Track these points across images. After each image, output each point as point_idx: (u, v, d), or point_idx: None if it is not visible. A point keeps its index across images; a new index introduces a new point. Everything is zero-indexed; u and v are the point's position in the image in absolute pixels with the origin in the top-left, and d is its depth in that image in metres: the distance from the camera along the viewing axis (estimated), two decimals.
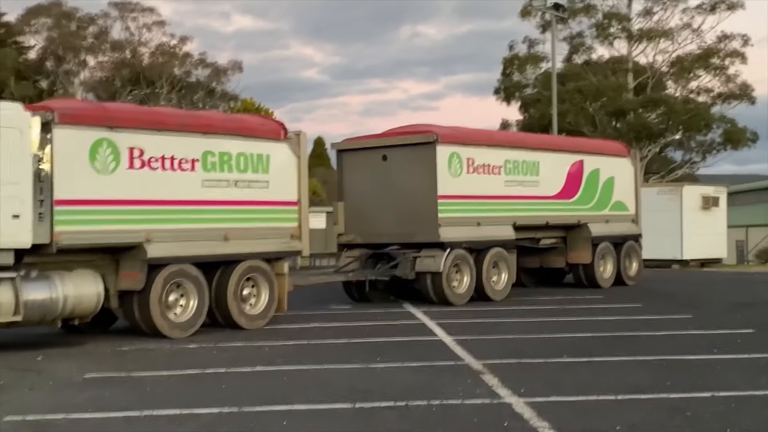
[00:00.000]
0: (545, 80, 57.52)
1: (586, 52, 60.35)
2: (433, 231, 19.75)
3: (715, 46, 57.55)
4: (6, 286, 13.39)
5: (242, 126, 16.54)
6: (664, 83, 60.06)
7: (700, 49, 57.54)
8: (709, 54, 57.08)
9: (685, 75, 58.25)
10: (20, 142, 13.47)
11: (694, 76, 58.39)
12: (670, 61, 58.45)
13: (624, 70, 58.77)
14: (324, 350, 13.46)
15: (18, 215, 13.40)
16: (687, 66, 57.63)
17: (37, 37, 58.61)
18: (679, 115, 54.61)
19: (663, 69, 59.09)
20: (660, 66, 58.89)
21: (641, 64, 59.13)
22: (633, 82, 58.46)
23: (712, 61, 57.33)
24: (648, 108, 56.09)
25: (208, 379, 11.12)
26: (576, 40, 59.55)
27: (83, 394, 10.17)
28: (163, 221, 15.17)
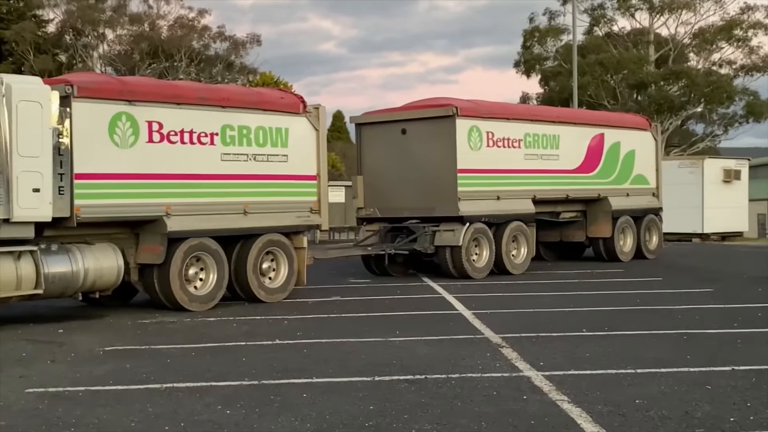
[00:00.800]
0: (566, 53, 57.23)
1: (607, 24, 59.99)
2: (452, 205, 19.70)
3: (738, 18, 57.07)
4: (27, 259, 13.46)
5: (261, 100, 16.51)
6: (685, 55, 59.62)
7: (722, 21, 57.07)
8: (731, 25, 56.61)
9: (707, 47, 57.79)
10: (40, 116, 13.48)
11: (716, 48, 57.95)
12: (692, 33, 57.98)
13: (645, 42, 58.37)
14: (343, 324, 13.49)
15: (38, 189, 13.44)
16: (709, 38, 57.18)
17: (56, 10, 58.57)
18: (701, 88, 54.20)
19: (685, 41, 58.63)
20: (682, 38, 58.42)
21: (663, 36, 58.70)
22: (654, 55, 58.08)
23: (735, 33, 56.89)
24: (669, 80, 55.68)
25: (227, 351, 11.16)
26: (597, 11, 59.17)
27: (104, 367, 10.22)
28: (182, 195, 15.20)
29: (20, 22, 54.41)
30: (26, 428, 7.57)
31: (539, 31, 60.31)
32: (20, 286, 13.37)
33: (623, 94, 56.11)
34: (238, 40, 61.35)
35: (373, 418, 7.58)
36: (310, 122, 17.03)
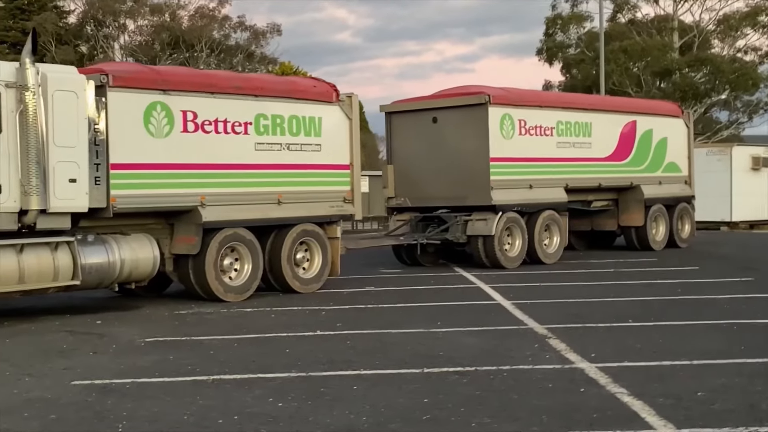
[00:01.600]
0: (589, 40, 56.87)
1: (631, 11, 59.51)
2: (485, 194, 19.51)
3: (763, 3, 56.54)
4: (64, 249, 13.37)
5: (294, 88, 16.36)
6: (709, 42, 59.13)
7: (747, 7, 56.57)
8: (757, 11, 56.10)
9: (732, 33, 57.31)
10: (75, 106, 13.37)
11: (741, 35, 57.47)
12: (716, 20, 57.50)
13: (669, 29, 57.86)
14: (382, 314, 13.35)
15: (75, 179, 13.34)
16: (734, 24, 56.66)
17: (77, 1, 58.56)
18: (726, 75, 53.68)
19: (709, 28, 58.15)
20: (706, 25, 57.94)
21: (686, 23, 58.22)
22: (678, 42, 57.59)
23: (760, 19, 56.40)
24: (694, 67, 55.17)
25: (270, 343, 11.04)
26: None
27: (147, 358, 10.11)
28: (216, 185, 15.08)
29: (41, 13, 54.42)
30: (77, 421, 7.47)
31: (562, 19, 59.81)
32: (57, 277, 13.28)
33: (647, 81, 55.61)
34: (258, 30, 61.21)
35: (430, 411, 7.43)
36: (343, 111, 16.87)
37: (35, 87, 12.82)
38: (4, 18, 54.21)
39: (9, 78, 12.80)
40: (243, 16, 62.35)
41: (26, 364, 9.98)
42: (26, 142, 12.78)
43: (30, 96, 12.77)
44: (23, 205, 12.90)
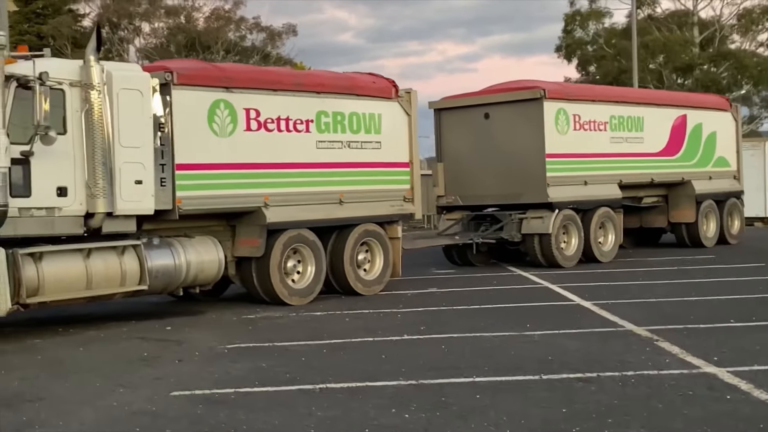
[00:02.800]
0: (609, 36, 56.40)
1: (650, 6, 58.94)
2: (541, 191, 19.01)
3: None
4: (131, 253, 12.91)
5: (354, 84, 15.87)
6: (730, 37, 58.60)
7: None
8: None
9: (753, 28, 56.77)
10: (141, 105, 12.91)
11: (762, 29, 56.96)
12: (737, 14, 56.98)
13: (690, 24, 57.33)
14: (461, 317, 12.85)
15: (141, 181, 12.88)
16: (755, 18, 56.15)
17: (91, 4, 58.12)
18: (749, 69, 53.17)
19: (730, 22, 57.64)
20: (726, 20, 57.42)
21: (703, 19, 57.74)
22: (699, 37, 57.04)
23: None
24: (717, 62, 54.67)
25: (359, 348, 10.57)
26: None
27: (238, 366, 9.64)
28: (280, 185, 14.62)
29: (57, 17, 54.01)
30: None
31: (581, 15, 59.24)
32: (125, 282, 12.83)
33: (668, 77, 55.06)
34: (274, 31, 60.75)
35: (576, 422, 6.96)
36: (402, 107, 16.40)
37: (100, 86, 12.36)
38: (20, 22, 53.73)
39: (73, 76, 12.35)
40: (258, 17, 61.89)
41: (113, 373, 9.52)
42: (92, 143, 12.32)
43: (95, 95, 12.31)
44: (89, 208, 12.44)
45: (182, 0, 59.73)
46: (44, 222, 12.18)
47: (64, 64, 12.59)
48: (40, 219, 12.13)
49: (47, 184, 12.09)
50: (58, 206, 12.24)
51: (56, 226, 12.30)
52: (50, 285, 12.00)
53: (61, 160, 12.18)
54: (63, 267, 12.18)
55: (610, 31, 57.36)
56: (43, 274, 11.92)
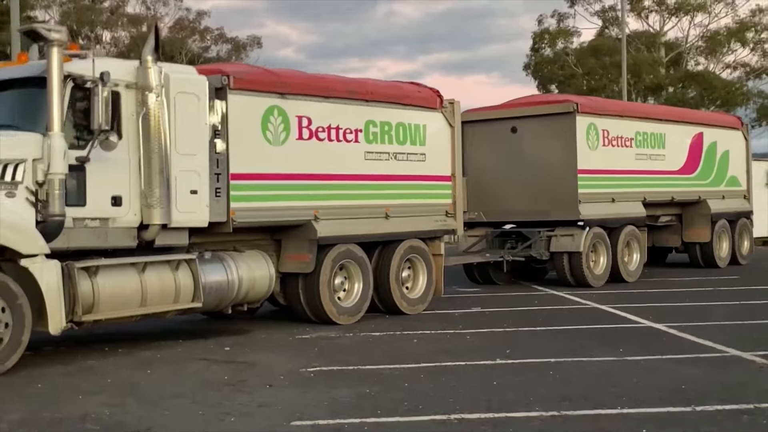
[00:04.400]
0: (579, 55, 56.44)
1: (619, 26, 59.11)
2: (572, 208, 18.46)
3: (749, 20, 56.59)
4: (185, 268, 12.07)
5: (401, 93, 15.18)
6: (695, 58, 59.07)
7: (736, 24, 56.57)
8: (744, 28, 56.15)
9: (720, 49, 57.31)
10: (197, 110, 12.11)
11: (729, 51, 57.51)
12: (703, 36, 57.48)
13: (657, 44, 57.66)
14: (538, 339, 12.16)
15: (195, 191, 12.07)
16: (722, 40, 56.69)
17: (50, 12, 56.73)
18: (717, 91, 53.56)
19: (699, 44, 58.13)
20: (693, 41, 57.91)
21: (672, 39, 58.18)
22: (665, 57, 57.38)
23: (748, 35, 56.46)
24: (686, 83, 55.02)
25: (457, 373, 9.86)
26: (608, 13, 58.37)
27: (341, 392, 8.88)
28: (330, 197, 13.87)
29: None
30: None
31: (549, 33, 59.26)
32: (178, 299, 11.98)
33: (640, 95, 55.22)
34: (239, 42, 59.97)
35: None
36: (446, 118, 15.75)
37: (158, 88, 11.53)
38: None
39: (128, 78, 11.51)
40: (221, 28, 60.97)
41: (206, 399, 8.72)
42: (149, 149, 11.48)
43: (153, 98, 11.48)
44: (145, 219, 11.58)
45: (145, 9, 58.68)
46: (98, 233, 11.32)
47: (120, 64, 11.73)
48: (93, 230, 11.26)
49: (102, 192, 11.24)
50: (112, 217, 11.38)
51: (110, 238, 11.44)
52: (105, 301, 11.14)
53: (115, 167, 11.32)
54: (118, 282, 11.32)
55: (580, 51, 57.39)
56: (99, 290, 11.05)
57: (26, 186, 10.58)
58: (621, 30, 41.94)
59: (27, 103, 11.19)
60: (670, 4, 56.33)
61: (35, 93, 11.07)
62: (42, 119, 10.82)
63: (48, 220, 10.57)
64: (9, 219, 10.28)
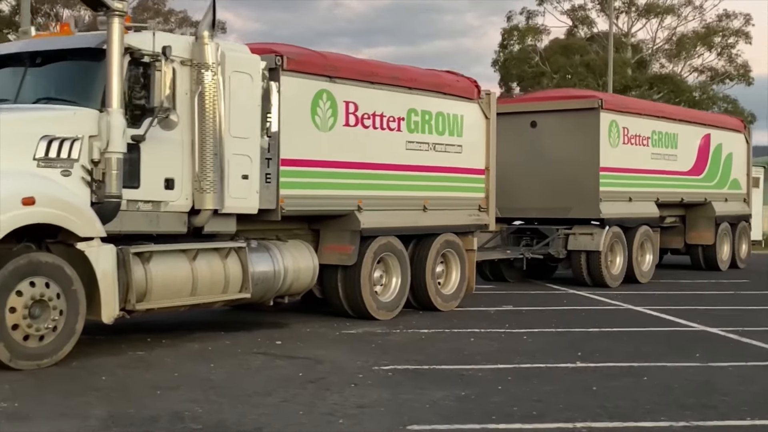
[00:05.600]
0: (548, 53, 56.40)
1: (588, 26, 59.24)
2: (593, 206, 18.12)
3: (716, 25, 57.07)
4: (233, 257, 11.48)
5: (441, 82, 14.68)
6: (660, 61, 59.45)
7: (704, 28, 57.01)
8: (711, 32, 56.59)
9: (686, 53, 57.74)
10: (250, 91, 11.52)
11: (695, 54, 57.94)
12: (671, 39, 57.88)
13: (626, 45, 57.88)
14: (598, 342, 11.71)
15: (247, 176, 11.47)
16: (689, 43, 57.11)
17: None
18: (685, 93, 53.89)
19: (665, 47, 58.51)
20: (660, 43, 58.28)
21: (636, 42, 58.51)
22: (633, 59, 57.61)
23: (715, 40, 56.93)
24: (654, 85, 55.23)
25: (544, 375, 9.42)
26: (579, 12, 58.46)
27: (437, 394, 8.36)
28: (372, 187, 13.36)
29: None
30: None
31: (518, 30, 59.15)
32: (227, 289, 11.38)
33: None
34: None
35: None
36: (482, 109, 15.28)
37: (215, 66, 10.89)
38: None
39: (183, 54, 10.85)
40: (185, 11, 59.82)
41: (296, 398, 8.18)
42: (203, 130, 10.84)
43: (209, 76, 10.84)
44: (197, 204, 10.96)
45: None
46: (150, 217, 10.68)
47: (174, 39, 11.05)
48: (146, 214, 10.62)
49: (155, 174, 10.60)
50: (164, 200, 10.74)
51: (161, 223, 10.80)
52: (158, 290, 10.52)
53: (169, 148, 10.69)
54: (170, 270, 10.69)
55: (550, 49, 57.36)
56: (152, 277, 10.43)
57: (82, 164, 9.91)
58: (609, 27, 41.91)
59: (79, 76, 10.54)
60: (640, 6, 56.51)
61: (88, 66, 10.42)
62: (96, 94, 10.19)
63: (104, 201, 9.91)
64: (66, 199, 9.62)
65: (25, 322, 9.21)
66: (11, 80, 10.84)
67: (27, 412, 7.51)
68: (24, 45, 10.90)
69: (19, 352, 9.15)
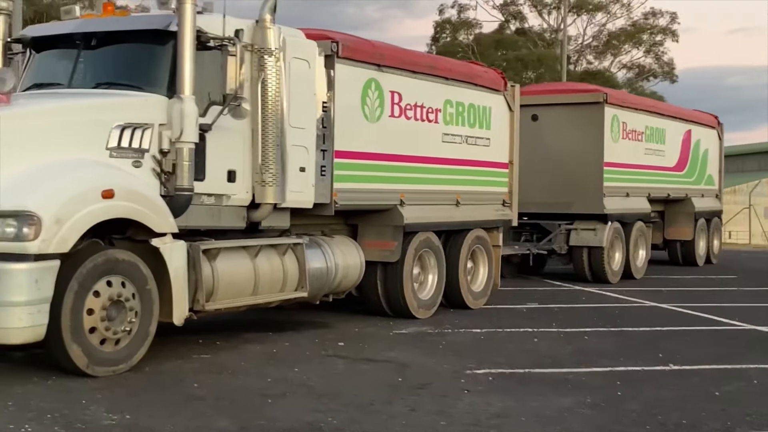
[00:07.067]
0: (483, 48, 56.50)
1: (519, 21, 59.57)
2: (596, 201, 17.92)
3: (643, 22, 58.01)
4: (290, 254, 10.86)
5: (473, 73, 14.26)
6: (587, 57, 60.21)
7: (631, 26, 57.91)
8: (640, 30, 57.50)
9: (616, 50, 58.58)
10: (307, 78, 10.93)
11: (623, 51, 58.84)
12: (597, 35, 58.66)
13: (557, 41, 58.33)
14: (665, 342, 11.40)
15: (304, 168, 10.89)
16: (618, 41, 57.94)
17: None
18: (618, 88, 54.50)
19: (594, 43, 59.24)
20: (589, 40, 58.97)
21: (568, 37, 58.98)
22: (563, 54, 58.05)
23: (643, 37, 57.87)
24: (586, 80, 55.72)
25: (651, 380, 9.09)
26: (511, 7, 58.75)
27: (564, 402, 7.96)
28: (413, 180, 12.88)
29: None
30: None
31: (451, 23, 59.19)
32: (284, 288, 10.78)
33: None
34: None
35: None
36: (507, 102, 14.90)
37: (278, 52, 10.25)
38: None
39: (245, 38, 10.16)
40: None
41: (418, 405, 7.71)
42: (266, 120, 10.18)
43: (272, 62, 10.18)
44: (257, 197, 10.32)
45: None
46: (212, 212, 10.03)
47: (236, 22, 10.34)
48: (209, 208, 9.97)
49: (219, 166, 9.95)
50: (226, 193, 10.08)
51: (222, 218, 10.16)
52: (223, 289, 9.88)
53: (231, 137, 10.02)
54: (235, 267, 10.06)
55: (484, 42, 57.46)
56: (218, 276, 9.76)
57: (153, 155, 9.21)
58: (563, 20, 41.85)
59: (143, 59, 9.78)
60: (571, 2, 56.94)
61: (153, 49, 9.69)
62: (162, 79, 9.50)
63: (175, 194, 9.22)
64: (143, 192, 8.92)
65: (103, 325, 8.51)
66: (61, 63, 10.04)
67: (148, 426, 6.85)
68: (77, 25, 10.06)
69: (95, 357, 8.44)
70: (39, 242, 7.89)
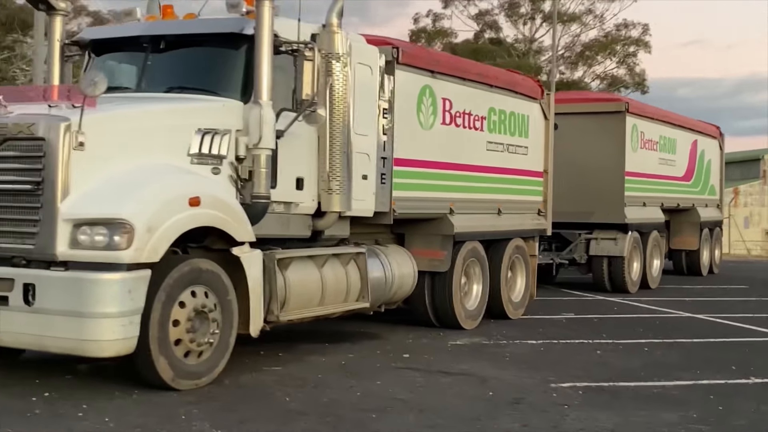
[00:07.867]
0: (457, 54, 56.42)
1: (494, 31, 59.63)
2: (617, 211, 17.85)
3: (616, 34, 58.33)
4: (352, 264, 10.62)
5: (514, 81, 14.10)
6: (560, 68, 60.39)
7: (604, 37, 58.21)
8: (613, 41, 57.82)
9: (589, 61, 58.85)
10: (370, 84, 10.73)
11: (596, 62, 59.10)
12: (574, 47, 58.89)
13: (532, 51, 58.56)
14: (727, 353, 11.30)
15: (366, 176, 10.68)
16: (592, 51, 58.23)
17: None
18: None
19: (566, 54, 59.45)
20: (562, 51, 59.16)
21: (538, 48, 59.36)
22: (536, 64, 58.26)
23: (616, 48, 58.17)
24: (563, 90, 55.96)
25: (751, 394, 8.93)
26: (486, 17, 58.84)
27: (668, 417, 7.80)
28: (462, 189, 12.69)
29: None
30: None
31: (426, 32, 59.08)
32: (348, 298, 10.54)
33: None
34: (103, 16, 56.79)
35: None
36: (543, 110, 14.78)
37: (345, 57, 10.01)
38: None
39: None
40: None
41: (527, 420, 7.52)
42: (333, 126, 9.94)
43: (339, 67, 9.93)
44: (323, 206, 10.07)
45: None
46: (281, 220, 9.78)
47: (303, 27, 10.08)
48: (279, 216, 9.70)
49: (289, 173, 9.70)
50: (294, 201, 9.83)
51: (291, 226, 9.92)
52: (294, 299, 9.63)
53: (299, 144, 9.77)
54: (304, 278, 9.81)
55: (460, 50, 57.38)
56: (290, 286, 9.50)
57: (230, 161, 8.95)
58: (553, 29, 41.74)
59: (217, 63, 9.49)
60: (545, 13, 57.21)
61: (227, 53, 9.43)
62: (236, 83, 9.24)
63: (252, 202, 8.95)
64: (226, 199, 8.67)
65: (188, 337, 8.21)
66: (127, 67, 9.74)
67: None
68: (145, 28, 9.75)
69: (180, 370, 8.16)
70: (132, 251, 7.60)
